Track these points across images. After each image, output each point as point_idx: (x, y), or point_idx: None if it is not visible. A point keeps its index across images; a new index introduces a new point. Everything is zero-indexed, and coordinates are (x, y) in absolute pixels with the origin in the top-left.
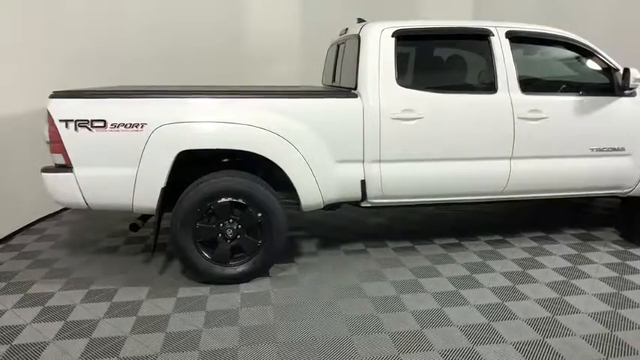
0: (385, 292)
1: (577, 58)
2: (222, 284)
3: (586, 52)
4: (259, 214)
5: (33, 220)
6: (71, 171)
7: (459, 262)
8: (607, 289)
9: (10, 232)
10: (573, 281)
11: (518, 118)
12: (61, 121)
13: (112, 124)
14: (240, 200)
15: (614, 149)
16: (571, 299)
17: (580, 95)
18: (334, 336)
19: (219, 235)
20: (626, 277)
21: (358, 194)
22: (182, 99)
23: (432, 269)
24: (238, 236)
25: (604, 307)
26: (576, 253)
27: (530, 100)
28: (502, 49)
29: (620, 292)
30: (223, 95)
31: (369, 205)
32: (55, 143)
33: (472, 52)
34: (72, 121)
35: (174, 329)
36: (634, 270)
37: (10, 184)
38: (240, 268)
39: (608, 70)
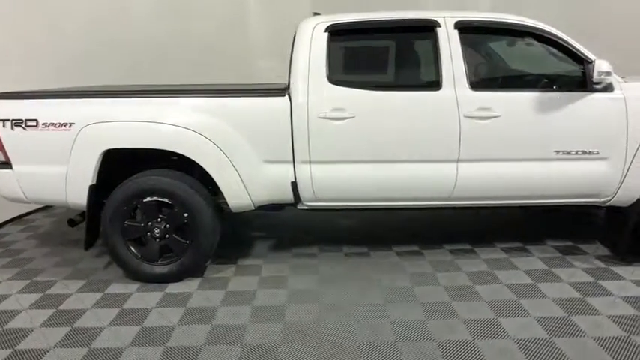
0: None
1: (541, 48)
2: (152, 282)
3: (552, 42)
4: (185, 214)
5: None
6: (11, 168)
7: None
8: (556, 311)
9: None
10: (523, 301)
11: (465, 116)
12: (3, 120)
13: (43, 124)
14: (166, 200)
15: (585, 152)
16: (506, 321)
17: (541, 91)
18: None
19: (148, 233)
20: (588, 299)
21: (290, 196)
22: (107, 99)
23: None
24: (167, 235)
25: (539, 333)
26: (545, 268)
27: (479, 96)
28: (449, 42)
29: (570, 317)
30: (147, 95)
31: (306, 207)
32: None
33: (416, 45)
34: (8, 120)
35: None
36: (601, 292)
37: None
38: (169, 268)
39: (580, 62)
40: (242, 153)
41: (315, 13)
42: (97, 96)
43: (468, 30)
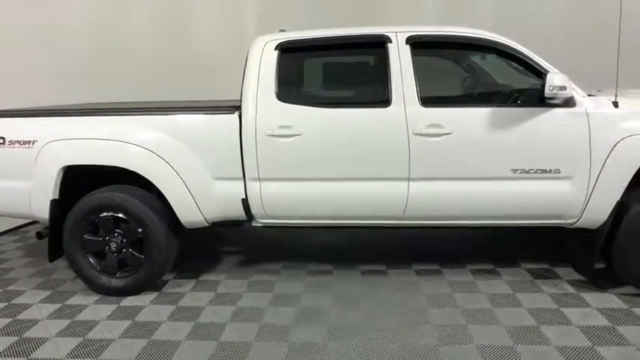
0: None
1: (498, 62)
2: (110, 295)
3: (510, 55)
4: (139, 229)
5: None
6: None
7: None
8: (501, 340)
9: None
10: (471, 326)
11: (414, 134)
12: None
13: (9, 141)
14: (121, 215)
15: (545, 171)
16: (446, 349)
17: (496, 106)
18: None
19: (106, 247)
20: (542, 327)
21: (242, 213)
22: (67, 117)
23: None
24: (124, 250)
25: None
26: (509, 292)
27: (430, 113)
28: (399, 57)
29: (514, 347)
30: (102, 113)
31: (260, 224)
32: None
33: (366, 61)
34: None
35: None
36: (560, 320)
37: None
38: (125, 281)
39: (539, 76)
40: (193, 169)
41: (281, 30)
42: (56, 115)
43: (420, 45)
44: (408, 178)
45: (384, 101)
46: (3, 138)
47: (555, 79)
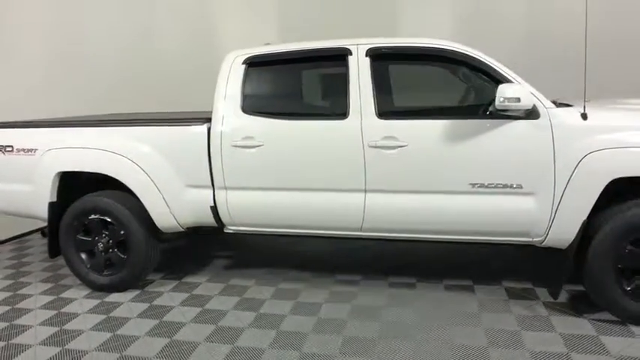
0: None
1: (461, 73)
2: (97, 291)
3: (471, 66)
4: (122, 231)
5: None
6: None
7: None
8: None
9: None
10: (402, 343)
11: (369, 146)
12: None
13: (16, 149)
14: (107, 217)
15: (505, 186)
16: None
17: (454, 118)
18: None
19: (95, 247)
20: (491, 349)
21: (212, 220)
22: (62, 128)
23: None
24: (110, 250)
25: None
26: (474, 311)
27: (386, 125)
28: (358, 70)
29: None
30: (91, 124)
31: (231, 231)
32: None
33: (327, 74)
34: None
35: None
36: (513, 344)
37: None
38: (110, 279)
39: None
40: (166, 177)
41: (267, 44)
42: (53, 126)
43: (379, 57)
44: (364, 190)
45: (342, 113)
46: (12, 146)
47: (507, 90)
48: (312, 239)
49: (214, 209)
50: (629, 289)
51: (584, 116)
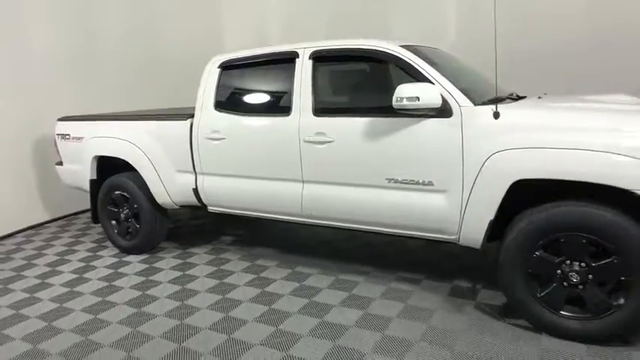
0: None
1: (390, 73)
2: (123, 252)
3: (398, 66)
4: (135, 205)
5: None
6: (62, 165)
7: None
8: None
9: None
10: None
11: (304, 141)
12: (57, 134)
13: (72, 137)
14: (125, 193)
15: (417, 183)
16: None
17: (372, 116)
18: None
19: (120, 216)
20: (386, 331)
21: (195, 200)
22: (97, 121)
23: None
24: (129, 220)
25: None
26: (403, 305)
27: (318, 122)
28: (302, 71)
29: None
30: (115, 118)
31: (212, 211)
32: (56, 148)
33: (282, 75)
34: (59, 134)
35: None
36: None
37: None
38: (131, 243)
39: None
40: (162, 162)
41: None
42: (92, 119)
43: (320, 59)
44: (302, 180)
45: (287, 111)
46: (69, 135)
47: (403, 89)
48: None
49: (196, 191)
50: (540, 295)
51: (495, 115)
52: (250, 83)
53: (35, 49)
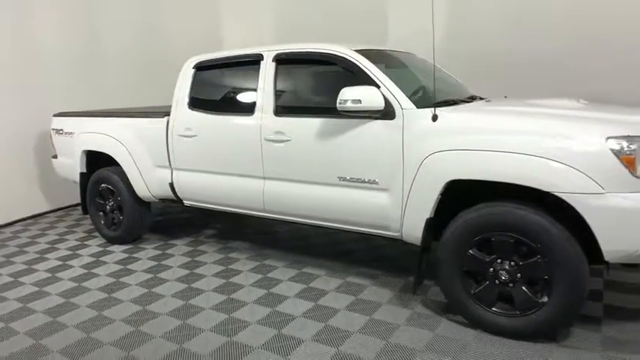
0: None
1: (343, 76)
2: (110, 242)
3: (350, 70)
4: (119, 198)
5: None
6: (57, 158)
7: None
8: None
9: None
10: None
11: (265, 140)
12: (52, 129)
13: (65, 132)
14: (110, 186)
15: (363, 181)
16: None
17: (323, 117)
18: None
19: (106, 208)
20: (330, 322)
21: (171, 194)
22: (85, 118)
23: None
24: (114, 211)
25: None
26: (354, 298)
27: (278, 122)
28: (265, 72)
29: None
30: (102, 115)
31: (187, 204)
32: (51, 142)
33: (248, 76)
34: (54, 129)
35: None
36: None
37: None
38: (115, 234)
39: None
40: (143, 157)
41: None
42: (80, 116)
43: (282, 62)
44: (263, 177)
45: (251, 110)
46: (62, 130)
47: (346, 92)
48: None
49: (171, 186)
50: (474, 292)
51: (434, 118)
52: (220, 83)
53: (40, 49)
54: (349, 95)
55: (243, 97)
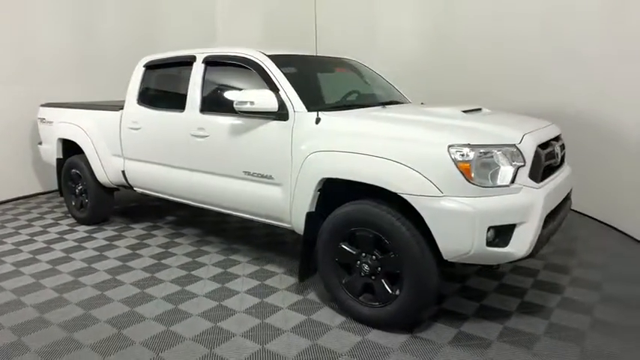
0: None
1: (255, 78)
2: (79, 224)
3: (260, 73)
4: (85, 182)
5: None
6: (41, 145)
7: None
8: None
9: None
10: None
11: (191, 135)
12: (38, 118)
13: (47, 120)
14: (78, 172)
15: (262, 176)
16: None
17: (231, 115)
18: None
19: (76, 191)
20: (223, 302)
21: (124, 181)
22: (60, 108)
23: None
24: (82, 195)
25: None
26: (259, 283)
27: (201, 118)
28: (196, 73)
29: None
30: (72, 107)
31: (138, 191)
32: (38, 129)
33: (184, 76)
34: (39, 118)
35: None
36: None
37: None
38: (84, 215)
39: (276, 90)
40: (102, 147)
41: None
42: (57, 106)
43: (210, 63)
44: (191, 169)
45: (183, 107)
46: (45, 118)
47: (239, 94)
48: None
49: (123, 173)
50: (344, 282)
51: (317, 120)
52: (162, 82)
53: (40, 46)
54: (242, 97)
55: (178, 95)
